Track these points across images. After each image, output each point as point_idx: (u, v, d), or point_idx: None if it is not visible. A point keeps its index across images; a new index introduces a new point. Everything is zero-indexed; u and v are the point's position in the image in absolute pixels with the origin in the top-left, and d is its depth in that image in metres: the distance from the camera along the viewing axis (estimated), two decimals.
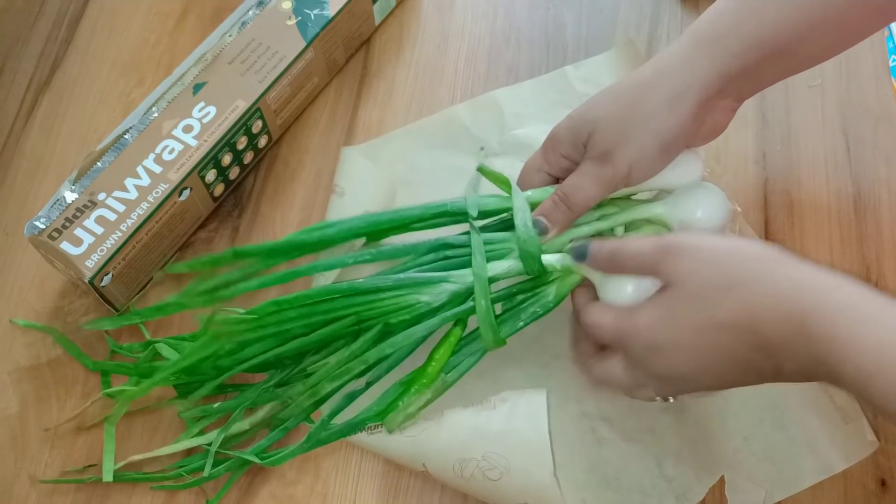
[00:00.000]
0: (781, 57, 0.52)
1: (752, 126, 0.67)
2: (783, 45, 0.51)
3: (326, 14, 0.66)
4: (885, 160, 0.66)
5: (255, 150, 0.66)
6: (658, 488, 0.55)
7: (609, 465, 0.56)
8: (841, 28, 0.52)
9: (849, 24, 0.52)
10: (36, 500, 0.56)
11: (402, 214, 0.57)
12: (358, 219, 0.57)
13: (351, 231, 0.57)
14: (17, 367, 0.60)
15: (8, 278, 0.63)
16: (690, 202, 0.54)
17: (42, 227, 0.58)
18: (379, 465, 0.57)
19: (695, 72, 0.51)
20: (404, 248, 0.57)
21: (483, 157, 0.66)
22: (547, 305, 0.54)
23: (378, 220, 0.57)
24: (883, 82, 0.68)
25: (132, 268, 0.60)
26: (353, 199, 0.63)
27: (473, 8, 0.73)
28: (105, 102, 0.70)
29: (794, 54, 0.52)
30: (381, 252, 0.56)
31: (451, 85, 0.70)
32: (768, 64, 0.52)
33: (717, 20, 0.52)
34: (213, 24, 0.70)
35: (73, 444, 0.58)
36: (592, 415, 0.57)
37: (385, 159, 0.66)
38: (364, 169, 0.65)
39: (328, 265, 0.56)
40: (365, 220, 0.57)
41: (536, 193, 0.56)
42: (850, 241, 0.63)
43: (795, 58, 0.53)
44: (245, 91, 0.63)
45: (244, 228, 0.65)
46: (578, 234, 0.56)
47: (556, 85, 0.69)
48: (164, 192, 0.59)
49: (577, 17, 0.72)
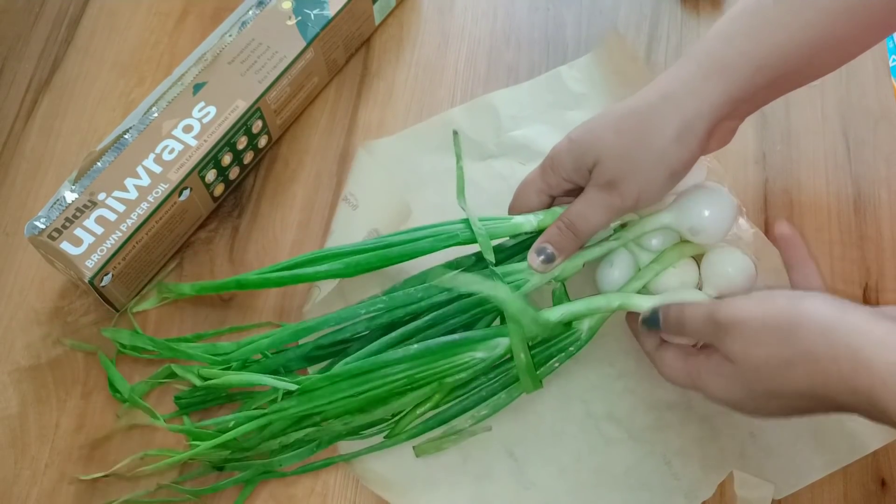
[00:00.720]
0: (789, 78, 0.52)
1: (752, 126, 0.67)
2: (792, 68, 0.51)
3: (326, 14, 0.66)
4: (885, 160, 0.66)
5: (255, 150, 0.66)
6: (667, 486, 0.55)
7: (616, 464, 0.56)
8: (845, 44, 0.52)
9: (853, 39, 0.52)
10: (36, 499, 0.56)
11: (412, 248, 0.57)
12: (365, 252, 0.57)
13: (359, 266, 0.56)
14: (17, 367, 0.60)
15: (8, 278, 0.63)
16: (696, 206, 0.54)
17: (42, 227, 0.58)
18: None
19: (704, 99, 0.51)
20: (416, 293, 0.56)
21: (479, 156, 0.66)
22: (580, 345, 0.55)
23: (387, 255, 0.57)
24: (883, 82, 0.68)
25: (132, 268, 0.60)
26: (364, 213, 0.62)
27: (473, 8, 0.73)
28: (105, 102, 0.70)
29: (801, 74, 0.52)
30: (394, 299, 0.56)
31: (451, 85, 0.70)
32: (776, 85, 0.52)
33: (725, 45, 0.51)
34: (213, 24, 0.70)
35: (74, 444, 0.58)
36: (598, 414, 0.57)
37: (392, 163, 0.66)
38: (379, 180, 0.64)
39: (340, 318, 0.56)
40: (373, 253, 0.57)
41: (545, 217, 0.56)
42: (850, 241, 0.63)
43: (802, 77, 0.53)
44: (245, 91, 0.63)
45: (244, 228, 0.65)
46: (590, 255, 0.56)
47: (551, 86, 0.69)
48: (164, 192, 0.59)
49: (577, 17, 0.72)
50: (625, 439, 0.57)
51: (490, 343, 0.54)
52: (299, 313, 0.61)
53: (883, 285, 0.61)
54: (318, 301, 0.60)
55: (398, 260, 0.57)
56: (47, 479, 0.57)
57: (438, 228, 0.57)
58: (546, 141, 0.66)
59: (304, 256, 0.58)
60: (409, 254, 0.57)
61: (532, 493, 0.55)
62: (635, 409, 0.57)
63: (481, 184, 0.65)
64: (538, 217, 0.56)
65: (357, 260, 0.57)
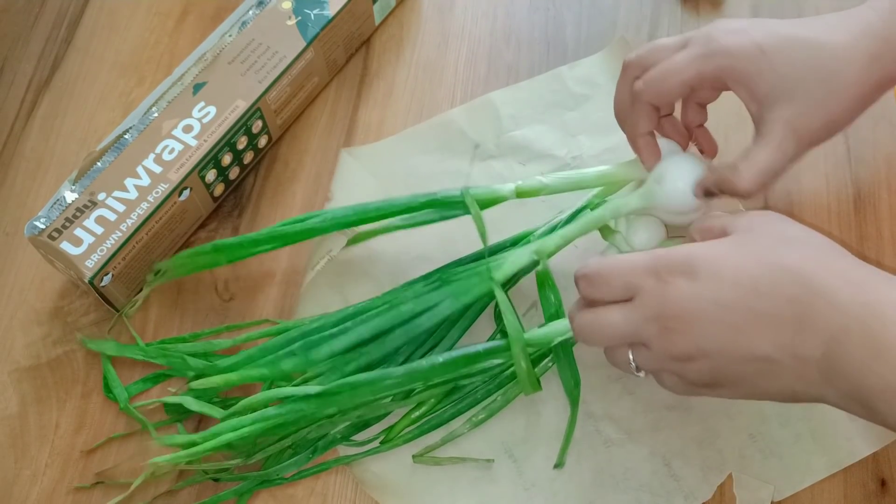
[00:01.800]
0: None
1: (751, 126, 0.67)
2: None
3: (326, 14, 0.66)
4: (885, 160, 0.66)
5: (255, 150, 0.66)
6: (666, 487, 0.55)
7: (616, 465, 0.56)
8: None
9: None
10: (36, 499, 0.56)
11: (391, 203, 0.58)
12: (344, 208, 0.58)
13: (336, 221, 0.57)
14: (17, 367, 0.60)
15: (8, 278, 0.63)
16: (666, 182, 0.54)
17: (42, 227, 0.58)
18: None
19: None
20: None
21: (478, 156, 0.66)
22: (572, 339, 0.55)
23: (365, 208, 0.58)
24: None
25: (132, 268, 0.60)
26: (342, 203, 0.63)
27: (473, 8, 0.73)
28: (105, 102, 0.70)
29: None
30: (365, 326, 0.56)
31: (451, 85, 0.70)
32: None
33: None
34: (213, 24, 0.70)
35: (73, 444, 0.58)
36: (598, 415, 0.57)
37: (382, 165, 0.66)
38: (359, 178, 0.65)
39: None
40: (352, 209, 0.58)
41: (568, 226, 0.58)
42: (850, 241, 0.63)
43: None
44: (245, 91, 0.63)
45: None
46: (569, 233, 0.56)
47: (551, 86, 0.69)
48: (164, 192, 0.59)
49: (577, 17, 0.72)
50: (624, 440, 0.57)
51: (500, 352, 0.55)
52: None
53: None
54: (308, 281, 0.61)
55: (374, 214, 0.58)
56: (47, 479, 0.57)
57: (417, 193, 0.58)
58: (546, 141, 0.66)
59: (283, 223, 0.59)
60: (387, 209, 0.58)
61: (532, 493, 0.55)
62: (634, 411, 0.57)
63: (481, 184, 0.65)
64: (516, 183, 0.57)
65: (334, 215, 0.58)
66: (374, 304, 0.56)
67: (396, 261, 0.61)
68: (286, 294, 0.62)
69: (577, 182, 0.58)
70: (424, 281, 0.58)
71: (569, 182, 0.58)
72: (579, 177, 0.58)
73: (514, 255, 0.56)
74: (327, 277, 0.61)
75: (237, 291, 0.62)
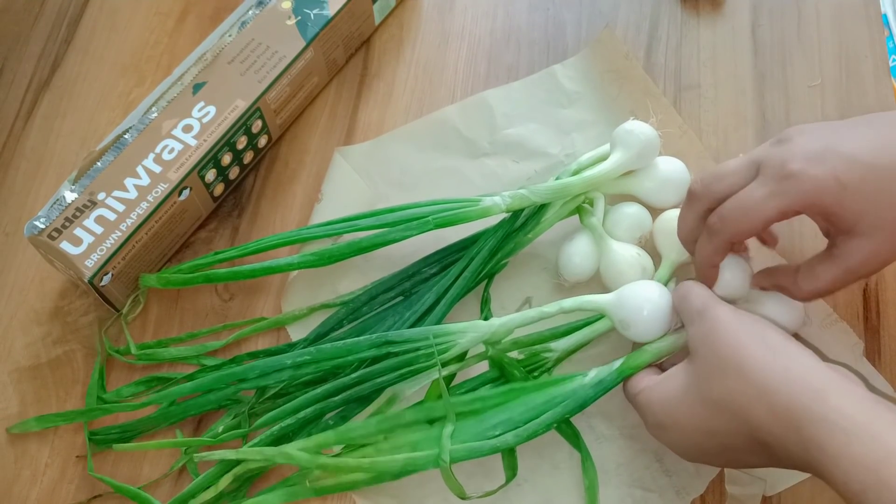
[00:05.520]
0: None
1: (752, 126, 0.67)
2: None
3: (326, 14, 0.66)
4: None
5: (255, 149, 0.66)
6: (658, 483, 0.55)
7: (608, 460, 0.56)
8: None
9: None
10: (36, 499, 0.56)
11: (382, 237, 0.59)
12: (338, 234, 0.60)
13: (332, 257, 0.59)
14: (17, 367, 0.60)
15: (8, 278, 0.63)
16: (634, 301, 0.54)
17: (42, 226, 0.58)
18: None
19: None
20: (344, 346, 0.56)
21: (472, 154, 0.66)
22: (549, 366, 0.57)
23: (359, 244, 0.59)
24: (883, 82, 0.68)
25: (132, 267, 0.60)
26: (327, 205, 0.64)
27: (473, 8, 0.73)
28: (105, 102, 0.70)
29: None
30: (322, 351, 0.56)
31: (451, 85, 0.70)
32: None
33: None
34: (213, 24, 0.70)
35: (73, 444, 0.58)
36: (590, 411, 0.57)
37: (375, 164, 0.66)
38: (350, 179, 0.65)
39: (265, 367, 0.56)
40: (346, 245, 0.59)
41: (513, 202, 0.58)
42: None
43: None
44: (245, 91, 0.63)
45: (244, 228, 0.65)
46: (521, 320, 0.56)
47: (545, 84, 0.69)
48: (164, 192, 0.59)
49: (577, 17, 0.72)
50: (616, 437, 0.57)
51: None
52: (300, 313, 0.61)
53: (883, 286, 0.61)
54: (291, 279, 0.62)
55: (370, 249, 0.59)
56: (47, 479, 0.57)
57: (408, 212, 0.59)
58: (540, 139, 0.66)
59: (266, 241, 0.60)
60: (381, 242, 0.59)
61: (525, 489, 0.55)
62: (626, 407, 0.57)
63: (475, 182, 0.65)
64: (505, 200, 0.58)
65: (330, 251, 0.59)
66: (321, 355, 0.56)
67: (385, 252, 0.61)
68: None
69: (562, 191, 0.59)
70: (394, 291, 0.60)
71: (554, 192, 0.59)
72: (564, 186, 0.59)
73: (466, 340, 0.56)
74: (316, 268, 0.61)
75: (237, 292, 0.63)
